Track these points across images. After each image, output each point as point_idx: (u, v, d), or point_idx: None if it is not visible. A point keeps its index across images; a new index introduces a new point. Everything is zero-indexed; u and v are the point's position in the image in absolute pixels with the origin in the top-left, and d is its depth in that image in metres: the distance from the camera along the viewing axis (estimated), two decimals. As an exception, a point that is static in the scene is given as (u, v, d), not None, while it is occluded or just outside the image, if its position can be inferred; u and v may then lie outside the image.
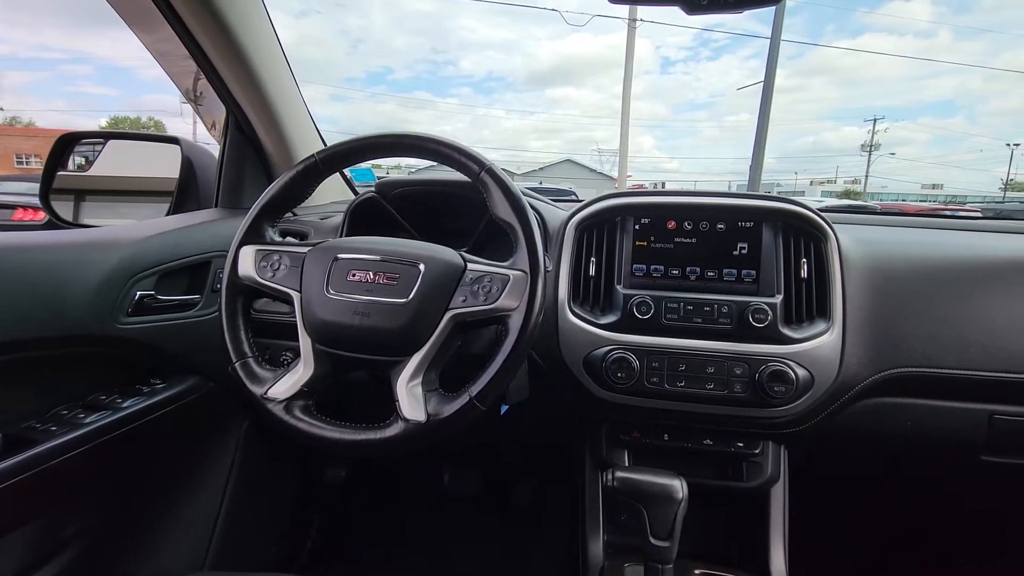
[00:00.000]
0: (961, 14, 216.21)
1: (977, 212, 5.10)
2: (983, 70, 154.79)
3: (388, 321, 0.65)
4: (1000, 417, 0.82)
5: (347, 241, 0.73)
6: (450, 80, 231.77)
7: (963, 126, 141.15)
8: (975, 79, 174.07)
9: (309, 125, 1.24)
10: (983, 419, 0.83)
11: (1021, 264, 0.88)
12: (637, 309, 0.84)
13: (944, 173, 59.70)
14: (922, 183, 52.21)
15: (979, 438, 0.84)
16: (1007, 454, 0.85)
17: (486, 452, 1.52)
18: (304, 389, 0.68)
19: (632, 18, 12.37)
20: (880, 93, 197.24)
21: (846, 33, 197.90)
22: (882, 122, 38.08)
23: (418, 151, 0.73)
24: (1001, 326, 0.82)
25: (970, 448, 0.86)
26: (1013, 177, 41.31)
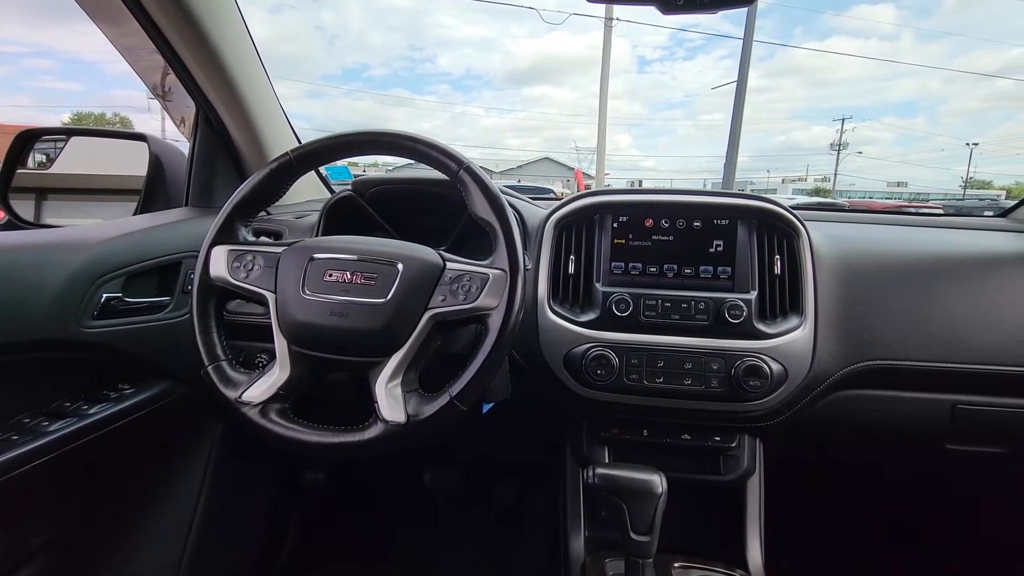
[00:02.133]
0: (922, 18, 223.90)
1: (939, 209, 5.30)
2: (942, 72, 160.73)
3: (366, 322, 0.64)
4: (962, 407, 0.86)
5: (323, 240, 0.72)
6: (428, 77, 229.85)
7: (925, 126, 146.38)
8: (935, 81, 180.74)
9: (283, 122, 1.21)
10: (947, 409, 0.86)
11: (979, 260, 0.91)
12: (616, 306, 0.85)
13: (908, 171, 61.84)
14: (888, 181, 53.91)
15: (943, 427, 0.87)
16: (969, 442, 0.89)
17: (467, 451, 1.51)
18: (280, 392, 0.67)
19: (609, 17, 12.46)
20: (847, 93, 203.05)
21: (815, 35, 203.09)
22: (850, 122, 39.23)
23: (395, 149, 0.73)
24: (961, 320, 0.85)
25: (935, 437, 0.89)
26: (972, 175, 43.00)
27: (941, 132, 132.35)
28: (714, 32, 45.21)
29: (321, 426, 0.66)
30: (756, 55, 10.00)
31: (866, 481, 1.29)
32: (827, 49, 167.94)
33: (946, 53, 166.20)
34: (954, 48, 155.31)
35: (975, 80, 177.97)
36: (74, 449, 0.75)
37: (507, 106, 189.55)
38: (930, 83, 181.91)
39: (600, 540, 0.93)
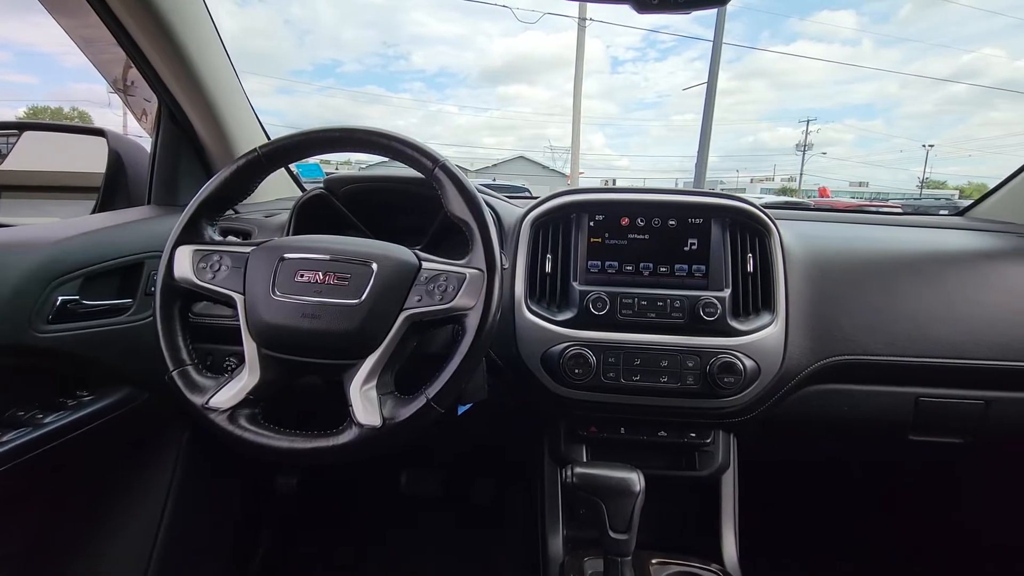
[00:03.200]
0: (881, 24, 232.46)
1: (898, 208, 5.51)
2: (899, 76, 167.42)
3: (340, 323, 0.63)
4: (925, 399, 0.89)
5: (294, 240, 0.70)
6: (401, 75, 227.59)
7: (883, 128, 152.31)
8: (892, 85, 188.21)
9: (251, 118, 1.18)
10: (910, 401, 0.90)
11: (939, 257, 0.95)
12: (593, 305, 0.85)
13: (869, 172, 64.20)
14: (850, 181, 55.82)
15: (907, 419, 0.90)
16: (931, 433, 0.92)
17: (444, 453, 1.50)
18: (250, 397, 0.64)
19: (582, 17, 12.54)
20: (812, 96, 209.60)
21: (781, 39, 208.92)
22: (814, 123, 40.39)
23: (369, 146, 0.71)
24: (923, 315, 0.88)
25: (899, 428, 0.92)
26: (928, 176, 44.86)
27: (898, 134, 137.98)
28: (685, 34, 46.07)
29: (293, 431, 0.64)
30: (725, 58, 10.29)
31: (835, 473, 1.33)
32: (792, 52, 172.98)
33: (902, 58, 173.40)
34: (910, 53, 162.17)
35: (929, 84, 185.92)
36: (29, 461, 0.71)
37: (482, 105, 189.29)
38: (888, 87, 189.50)
39: (578, 539, 0.93)
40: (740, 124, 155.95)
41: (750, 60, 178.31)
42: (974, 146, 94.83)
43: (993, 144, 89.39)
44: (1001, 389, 0.88)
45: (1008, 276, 0.91)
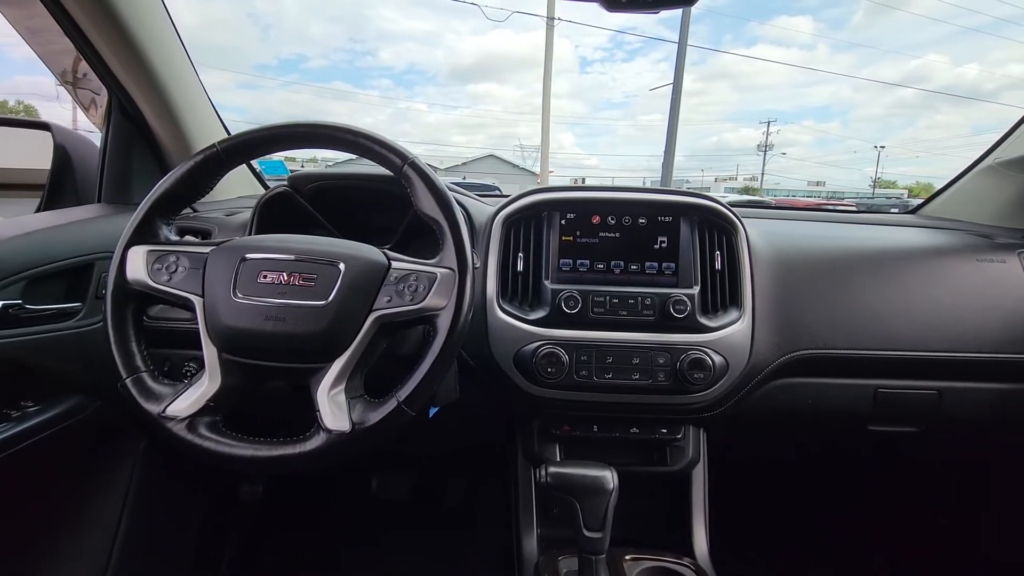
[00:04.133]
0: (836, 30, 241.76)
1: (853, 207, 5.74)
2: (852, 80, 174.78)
3: (306, 325, 0.61)
4: (883, 391, 0.92)
5: (256, 239, 0.67)
6: (369, 71, 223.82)
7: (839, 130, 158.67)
8: (847, 88, 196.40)
9: (209, 112, 1.13)
10: (869, 393, 0.93)
11: (895, 254, 0.99)
12: (565, 304, 0.85)
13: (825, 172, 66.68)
14: (808, 180, 57.87)
15: (866, 410, 0.94)
16: (889, 423, 0.96)
17: (415, 455, 1.48)
18: (210, 404, 0.61)
19: (551, 16, 12.60)
20: (772, 98, 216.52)
21: (742, 43, 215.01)
22: (775, 124, 41.82)
23: (335, 143, 0.69)
24: (881, 309, 0.92)
25: (859, 420, 0.96)
26: (880, 176, 46.98)
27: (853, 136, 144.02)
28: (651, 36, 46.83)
29: (257, 439, 0.61)
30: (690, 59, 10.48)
31: (801, 467, 1.37)
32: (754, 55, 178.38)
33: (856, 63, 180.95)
34: (863, 58, 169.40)
35: (880, 88, 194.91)
36: None
37: (451, 103, 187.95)
38: (843, 90, 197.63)
39: (552, 537, 0.93)
40: (704, 125, 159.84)
41: (714, 62, 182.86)
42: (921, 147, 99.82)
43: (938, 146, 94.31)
44: (953, 379, 0.92)
45: (958, 271, 0.95)
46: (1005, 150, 1.13)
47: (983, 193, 1.19)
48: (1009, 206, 1.13)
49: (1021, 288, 0.93)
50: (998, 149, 1.16)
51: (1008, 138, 1.14)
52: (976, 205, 1.20)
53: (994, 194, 1.16)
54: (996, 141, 1.17)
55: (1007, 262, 0.95)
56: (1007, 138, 1.14)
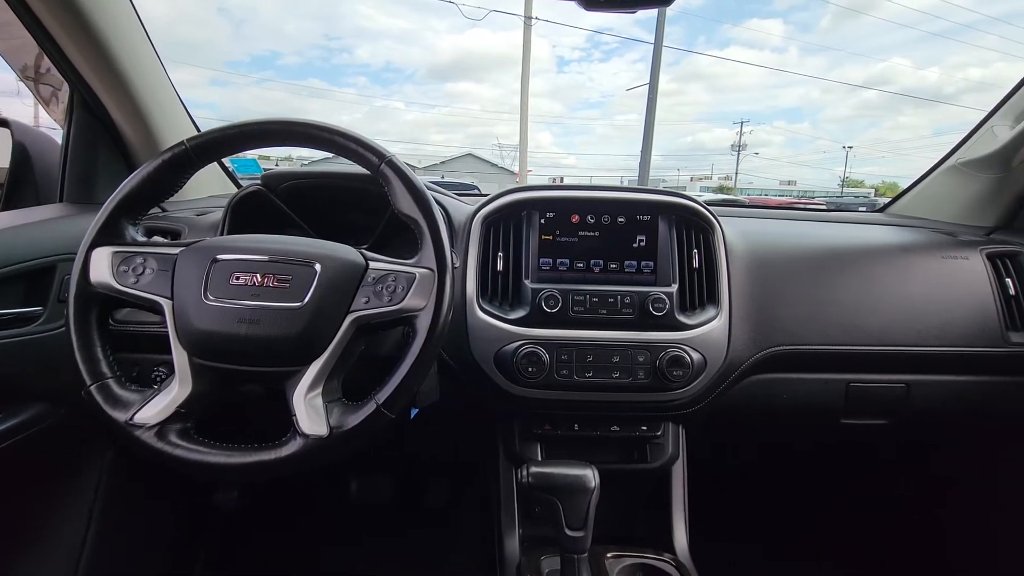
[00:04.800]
0: (805, 33, 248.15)
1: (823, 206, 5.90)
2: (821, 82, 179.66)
3: (281, 328, 0.59)
4: (855, 385, 0.95)
5: (228, 240, 0.65)
6: (345, 68, 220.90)
7: (808, 130, 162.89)
8: (816, 90, 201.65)
9: (178, 108, 1.10)
10: (841, 388, 0.95)
11: (864, 251, 1.02)
12: (545, 303, 0.85)
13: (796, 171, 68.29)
14: (780, 180, 59.24)
15: (839, 404, 0.96)
16: (860, 416, 0.98)
17: (394, 457, 1.46)
18: (180, 410, 0.59)
19: (528, 15, 12.61)
20: (745, 99, 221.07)
21: (715, 45, 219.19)
22: (748, 125, 42.66)
23: (310, 141, 0.67)
24: (852, 305, 0.94)
25: (832, 413, 0.98)
26: (848, 175, 48.41)
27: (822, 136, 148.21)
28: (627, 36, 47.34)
29: (231, 445, 0.59)
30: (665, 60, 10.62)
31: (776, 459, 1.40)
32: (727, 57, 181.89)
33: (825, 65, 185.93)
34: (831, 61, 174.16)
35: (847, 90, 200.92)
36: None
37: (429, 101, 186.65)
38: (812, 92, 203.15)
39: (534, 537, 0.93)
40: (680, 125, 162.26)
41: (688, 63, 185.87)
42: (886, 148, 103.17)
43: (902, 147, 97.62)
44: (920, 372, 0.95)
45: (923, 268, 0.98)
46: (967, 151, 1.18)
47: (946, 192, 1.23)
48: (971, 205, 1.17)
49: (982, 283, 0.97)
50: (960, 150, 1.20)
51: (969, 139, 1.18)
52: (940, 204, 1.24)
53: (957, 193, 1.20)
54: (958, 142, 1.21)
55: (970, 258, 0.99)
56: (968, 139, 1.18)
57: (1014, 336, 0.94)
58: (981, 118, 1.17)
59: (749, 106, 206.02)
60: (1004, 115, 1.09)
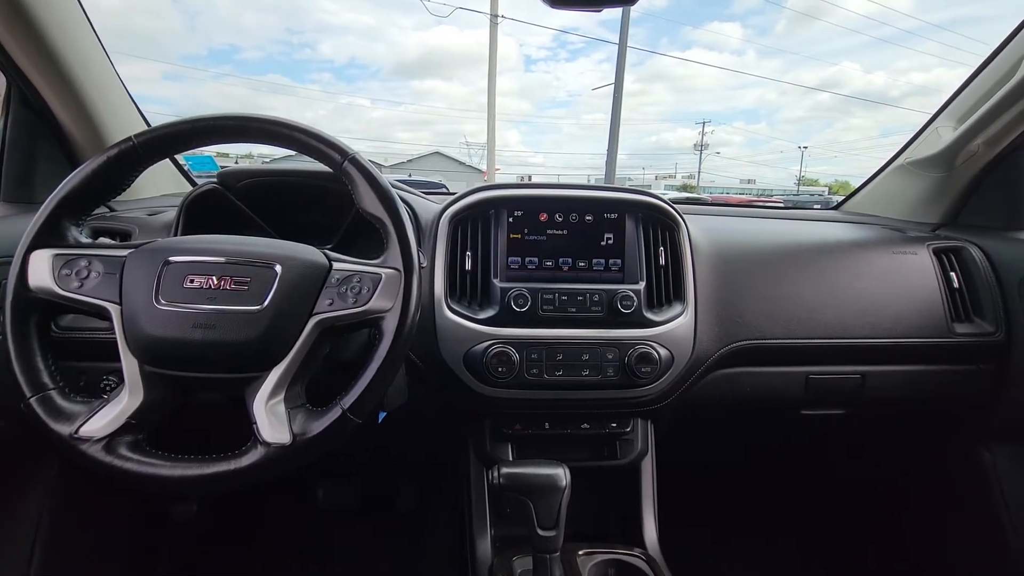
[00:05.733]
0: (762, 36, 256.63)
1: (781, 203, 6.11)
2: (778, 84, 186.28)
3: (239, 332, 0.57)
4: (813, 377, 0.98)
5: (182, 241, 0.62)
6: (308, 64, 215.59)
7: (766, 131, 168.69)
8: (773, 92, 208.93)
9: (125, 102, 1.04)
10: (801, 379, 0.98)
11: (821, 247, 1.05)
12: (515, 302, 0.84)
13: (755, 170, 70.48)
14: (740, 178, 61.03)
15: (800, 396, 0.99)
16: (819, 407, 1.02)
17: (362, 460, 1.43)
18: (131, 422, 0.56)
19: (494, 14, 12.58)
20: (707, 100, 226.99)
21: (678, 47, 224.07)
22: (709, 125, 43.79)
23: (270, 137, 0.65)
24: (811, 300, 0.97)
25: (793, 405, 1.01)
26: (804, 174, 50.26)
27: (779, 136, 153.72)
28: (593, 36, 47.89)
29: (187, 457, 0.57)
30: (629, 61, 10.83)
31: (742, 452, 1.44)
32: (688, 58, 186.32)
33: (781, 68, 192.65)
34: (786, 64, 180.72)
35: (802, 92, 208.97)
36: None
37: (396, 99, 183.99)
38: (769, 94, 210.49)
39: (506, 537, 0.93)
40: (644, 124, 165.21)
41: (652, 64, 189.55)
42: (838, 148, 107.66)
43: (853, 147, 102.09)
44: (873, 364, 0.99)
45: (876, 263, 1.03)
46: (914, 151, 1.23)
47: (896, 190, 1.29)
48: (918, 202, 1.22)
49: (930, 278, 1.01)
50: (908, 150, 1.25)
51: (916, 140, 1.24)
52: (890, 201, 1.29)
53: (905, 191, 1.25)
54: (906, 143, 1.27)
55: (918, 253, 1.04)
56: (915, 140, 1.24)
57: (958, 327, 0.99)
58: (925, 120, 1.23)
59: (711, 107, 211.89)
60: (947, 117, 1.14)
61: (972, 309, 1.01)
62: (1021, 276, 0.98)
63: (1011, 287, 0.99)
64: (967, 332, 0.99)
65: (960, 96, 1.11)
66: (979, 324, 1.00)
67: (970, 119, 1.04)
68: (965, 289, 1.02)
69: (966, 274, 1.03)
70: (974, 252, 1.04)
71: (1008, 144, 1.04)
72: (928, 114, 1.23)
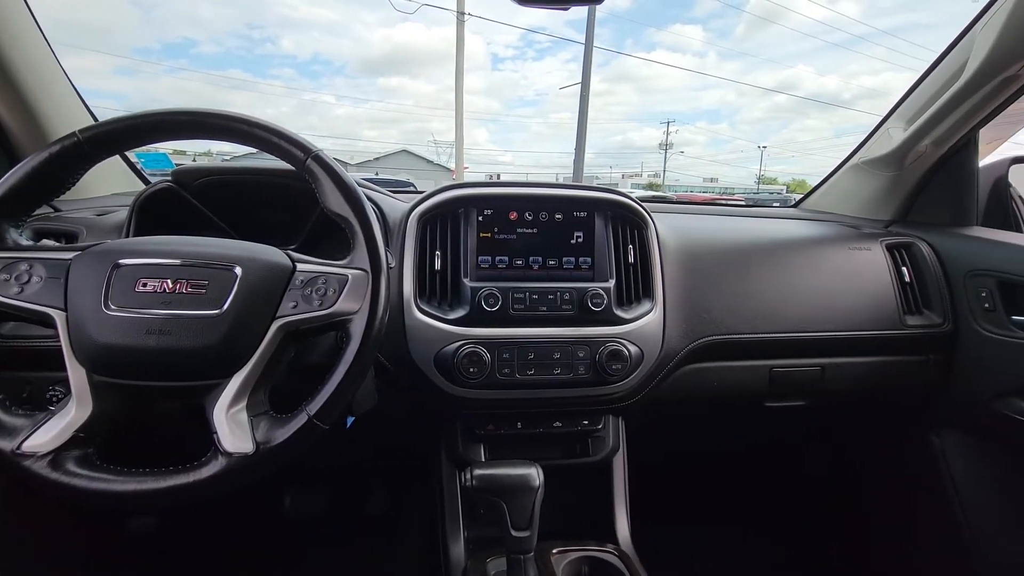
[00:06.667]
0: (723, 39, 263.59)
1: (743, 201, 6.30)
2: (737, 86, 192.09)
3: (197, 338, 0.54)
4: (777, 370, 1.01)
5: (133, 242, 0.59)
6: (269, 59, 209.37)
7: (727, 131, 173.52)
8: (732, 93, 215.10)
9: (70, 96, 0.99)
10: (765, 373, 1.01)
11: (782, 244, 1.08)
12: (485, 301, 0.84)
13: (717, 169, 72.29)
14: (703, 177, 62.54)
15: (764, 388, 1.02)
16: (782, 399, 1.05)
17: (330, 466, 1.40)
18: (79, 435, 0.53)
19: (460, 11, 12.50)
20: (671, 100, 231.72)
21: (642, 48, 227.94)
22: (674, 125, 44.65)
23: (226, 134, 0.62)
24: (773, 295, 1.00)
25: (757, 397, 1.04)
26: (763, 173, 51.91)
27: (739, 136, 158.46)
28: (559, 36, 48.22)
29: (142, 470, 0.54)
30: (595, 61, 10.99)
31: (709, 445, 1.47)
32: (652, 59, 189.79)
33: (741, 70, 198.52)
34: (746, 66, 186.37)
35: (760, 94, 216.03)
36: None
37: (361, 96, 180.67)
38: (729, 95, 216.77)
39: (479, 539, 0.92)
40: (610, 124, 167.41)
41: (618, 65, 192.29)
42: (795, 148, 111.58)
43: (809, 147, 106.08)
44: (832, 356, 1.03)
45: (833, 259, 1.06)
46: (867, 151, 1.28)
47: (851, 189, 1.34)
48: (872, 200, 1.28)
49: (883, 272, 1.06)
50: (862, 150, 1.31)
51: (869, 140, 1.29)
52: (845, 199, 1.35)
53: (859, 190, 1.31)
54: (860, 143, 1.32)
55: (872, 249, 1.08)
56: (868, 140, 1.29)
57: (910, 319, 1.04)
58: (875, 121, 1.28)
59: (674, 107, 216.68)
60: (898, 119, 1.19)
61: (922, 302, 1.06)
62: (966, 270, 1.03)
63: (957, 280, 1.05)
64: (917, 324, 1.03)
65: (909, 99, 1.16)
66: (928, 316, 1.05)
67: (918, 121, 1.09)
68: (915, 283, 1.07)
69: (916, 269, 1.08)
70: (923, 248, 1.09)
71: (953, 145, 1.10)
72: (878, 116, 1.28)
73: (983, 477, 1.08)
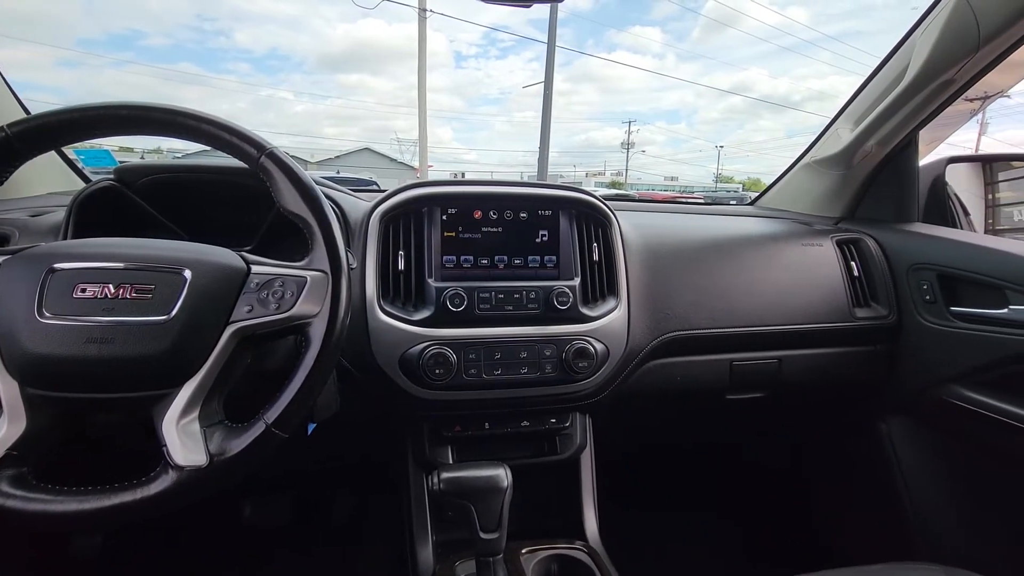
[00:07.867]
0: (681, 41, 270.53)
1: (702, 199, 6.48)
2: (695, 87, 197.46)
3: (142, 346, 0.51)
4: (736, 363, 1.04)
5: (70, 244, 0.55)
6: (223, 53, 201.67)
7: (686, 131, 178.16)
8: (690, 95, 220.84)
9: (0, 89, 0.92)
10: (726, 366, 1.04)
11: (740, 240, 1.12)
12: (451, 302, 0.83)
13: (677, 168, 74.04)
14: (664, 176, 64.01)
15: (724, 381, 1.05)
16: (742, 391, 1.08)
17: (293, 473, 1.35)
18: (12, 453, 0.49)
19: (422, 8, 12.35)
20: (632, 100, 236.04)
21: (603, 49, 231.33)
22: (635, 124, 45.51)
23: (173, 129, 0.59)
24: (732, 291, 1.03)
25: (718, 390, 1.07)
26: (721, 172, 53.58)
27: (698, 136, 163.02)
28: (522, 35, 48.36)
29: (84, 488, 0.50)
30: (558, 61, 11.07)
31: (674, 439, 1.50)
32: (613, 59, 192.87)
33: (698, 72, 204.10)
34: (703, 68, 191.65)
35: (717, 95, 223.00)
36: None
37: (321, 92, 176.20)
38: (687, 96, 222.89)
39: (448, 542, 0.91)
40: (573, 123, 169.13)
41: (580, 65, 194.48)
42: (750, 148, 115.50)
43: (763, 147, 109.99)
44: (788, 348, 1.06)
45: (788, 254, 1.10)
46: (818, 150, 1.33)
47: (803, 187, 1.39)
48: (822, 198, 1.33)
49: (834, 267, 1.10)
50: (813, 149, 1.36)
51: (819, 140, 1.34)
52: (798, 197, 1.40)
53: (811, 188, 1.36)
54: (811, 142, 1.37)
55: (823, 245, 1.13)
56: (818, 140, 1.34)
57: (858, 312, 1.08)
58: (824, 122, 1.33)
59: (635, 107, 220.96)
60: (846, 119, 1.25)
61: (869, 295, 1.11)
62: (909, 264, 1.09)
63: (901, 274, 1.10)
64: (865, 316, 1.08)
65: (856, 101, 1.21)
66: (875, 308, 1.10)
67: (864, 122, 1.14)
68: (863, 277, 1.12)
69: (864, 263, 1.13)
70: (870, 243, 1.14)
71: (896, 145, 1.15)
72: (825, 117, 1.34)
73: (926, 461, 1.14)
